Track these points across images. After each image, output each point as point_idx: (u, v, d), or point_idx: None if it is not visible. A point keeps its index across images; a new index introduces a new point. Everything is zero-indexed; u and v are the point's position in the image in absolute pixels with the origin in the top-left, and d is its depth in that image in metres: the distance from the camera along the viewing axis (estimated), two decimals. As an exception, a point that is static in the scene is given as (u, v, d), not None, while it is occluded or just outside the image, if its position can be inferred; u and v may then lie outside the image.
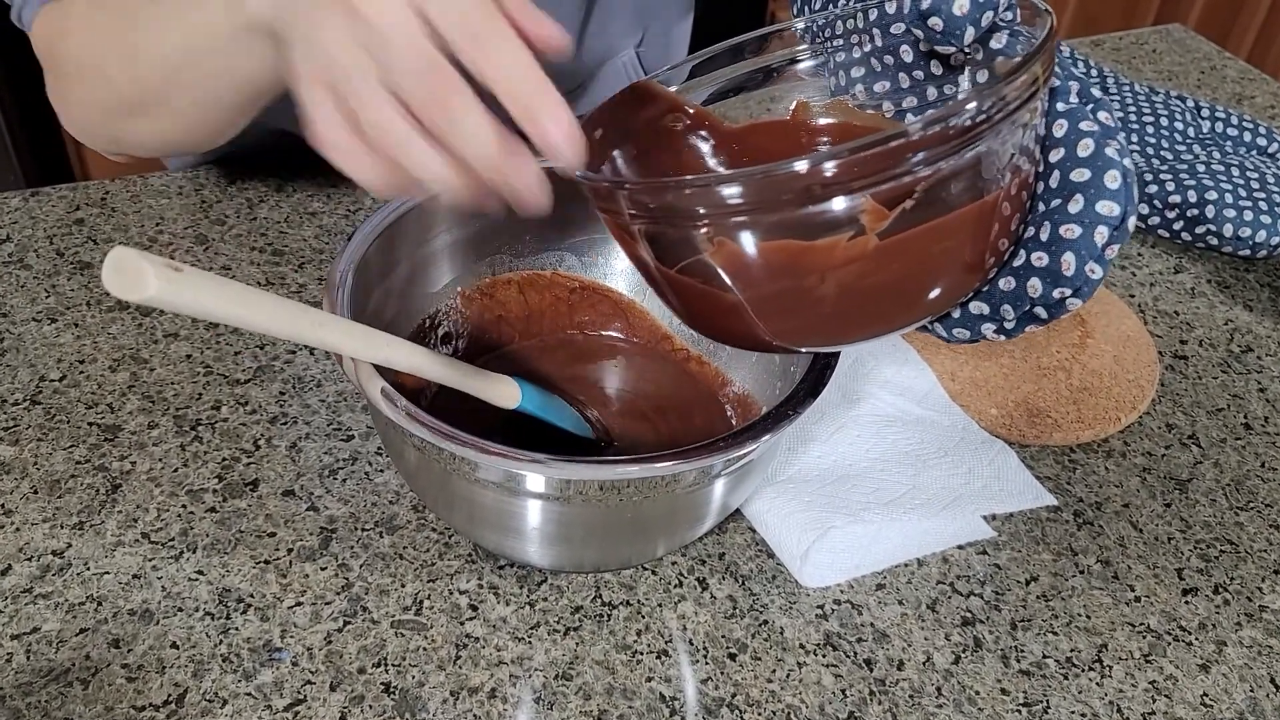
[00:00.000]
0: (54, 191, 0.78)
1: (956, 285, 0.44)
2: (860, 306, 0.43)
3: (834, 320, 0.44)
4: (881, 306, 0.43)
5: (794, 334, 0.45)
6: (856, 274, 0.41)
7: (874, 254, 0.40)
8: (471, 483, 0.47)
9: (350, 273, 0.51)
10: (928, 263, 0.42)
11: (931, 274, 0.42)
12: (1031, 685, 0.52)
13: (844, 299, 0.42)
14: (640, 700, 0.50)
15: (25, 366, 0.64)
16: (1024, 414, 0.65)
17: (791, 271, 0.41)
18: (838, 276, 0.41)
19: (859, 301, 0.42)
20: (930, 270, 0.42)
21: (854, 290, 0.42)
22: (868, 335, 0.45)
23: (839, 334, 0.45)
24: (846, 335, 0.45)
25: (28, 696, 0.48)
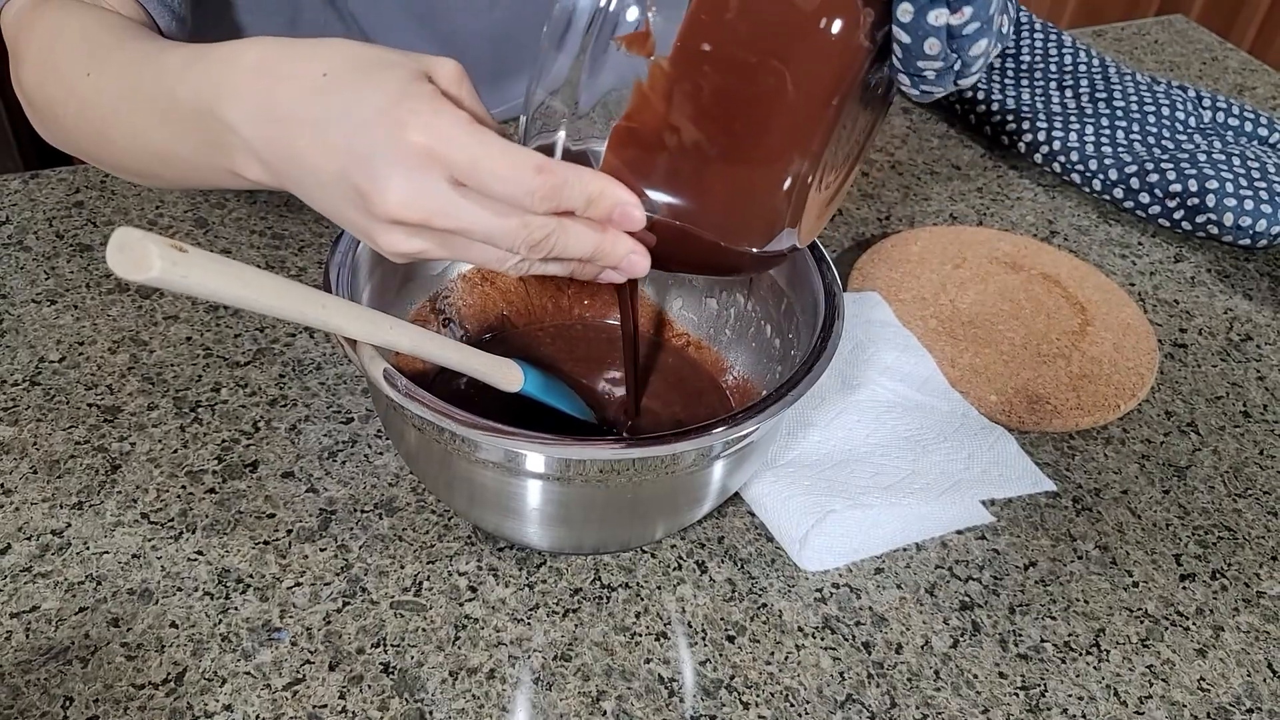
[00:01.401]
0: (53, 174, 0.78)
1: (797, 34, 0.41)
2: (739, 118, 0.41)
3: (740, 148, 0.42)
4: (755, 101, 0.41)
5: (737, 192, 0.44)
6: (689, 99, 0.40)
7: (677, 70, 0.40)
8: (472, 463, 0.47)
9: (351, 255, 0.51)
10: (735, 35, 0.40)
11: (753, 39, 0.40)
12: (1029, 669, 0.52)
13: (713, 124, 0.41)
14: (639, 681, 0.50)
15: (25, 347, 0.64)
16: (1023, 400, 0.65)
17: (648, 147, 0.41)
18: (679, 114, 0.40)
19: (732, 116, 0.41)
20: (747, 38, 0.40)
21: (711, 111, 0.41)
22: (791, 140, 0.42)
23: (763, 158, 0.43)
24: (772, 155, 0.43)
25: (27, 674, 0.48)
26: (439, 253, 0.43)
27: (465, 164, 0.40)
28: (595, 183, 0.43)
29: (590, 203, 0.43)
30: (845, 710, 0.49)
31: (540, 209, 0.41)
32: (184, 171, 0.51)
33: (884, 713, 0.50)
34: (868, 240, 0.79)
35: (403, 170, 0.40)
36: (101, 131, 0.53)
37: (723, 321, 0.62)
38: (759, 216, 0.45)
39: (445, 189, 0.40)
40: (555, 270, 0.46)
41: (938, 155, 0.90)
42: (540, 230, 0.42)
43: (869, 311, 0.70)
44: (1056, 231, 0.83)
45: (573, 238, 0.43)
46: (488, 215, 0.41)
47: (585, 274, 0.47)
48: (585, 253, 0.44)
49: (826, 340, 0.50)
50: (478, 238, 0.42)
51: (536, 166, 0.40)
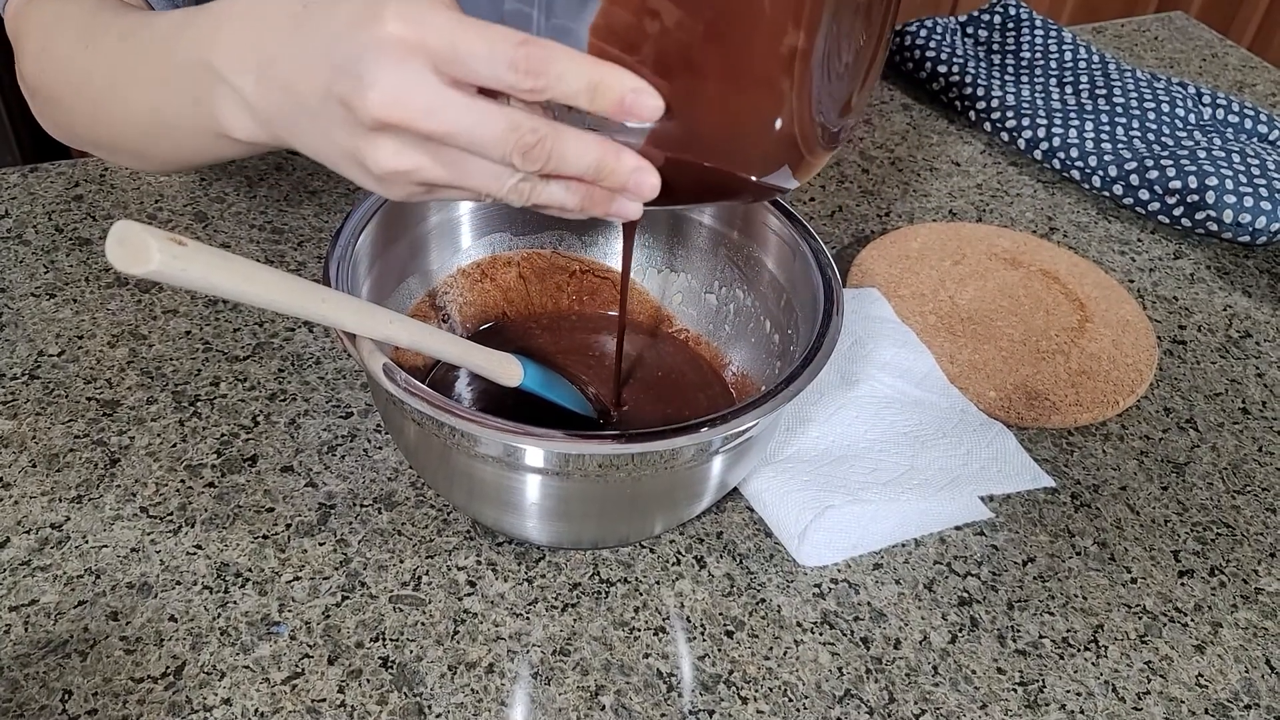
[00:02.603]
0: (53, 168, 0.78)
1: None
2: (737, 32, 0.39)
3: (723, 37, 0.40)
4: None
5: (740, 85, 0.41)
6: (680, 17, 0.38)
7: None
8: (471, 458, 0.47)
9: (351, 249, 0.51)
10: None
11: None
12: (1028, 665, 0.52)
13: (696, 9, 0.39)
14: (637, 676, 0.50)
15: (24, 341, 0.64)
16: (1022, 397, 0.65)
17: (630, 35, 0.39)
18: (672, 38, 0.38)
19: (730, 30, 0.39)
20: None
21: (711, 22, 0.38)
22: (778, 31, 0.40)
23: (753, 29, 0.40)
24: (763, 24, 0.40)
25: (25, 668, 0.48)
26: (433, 172, 0.40)
27: (444, 48, 0.37)
28: (596, 68, 0.39)
29: (594, 90, 0.39)
30: (843, 705, 0.50)
31: (525, 85, 0.38)
32: (176, 142, 0.50)
33: (882, 708, 0.50)
34: (867, 236, 0.79)
35: (383, 66, 0.38)
36: (98, 106, 0.52)
37: (722, 317, 0.62)
38: (762, 99, 0.42)
39: (430, 80, 0.38)
40: (558, 198, 0.42)
41: (937, 151, 0.90)
42: (531, 133, 0.39)
43: (868, 307, 0.70)
44: (1056, 228, 0.83)
45: (570, 145, 0.40)
46: (475, 115, 0.38)
47: (590, 206, 0.43)
48: (587, 164, 0.41)
49: (825, 336, 0.50)
50: (463, 143, 0.39)
51: (520, 39, 0.37)
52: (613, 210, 0.43)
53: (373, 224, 0.53)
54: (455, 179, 0.41)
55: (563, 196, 0.42)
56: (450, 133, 0.39)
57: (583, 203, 0.43)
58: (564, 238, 0.64)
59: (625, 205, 0.43)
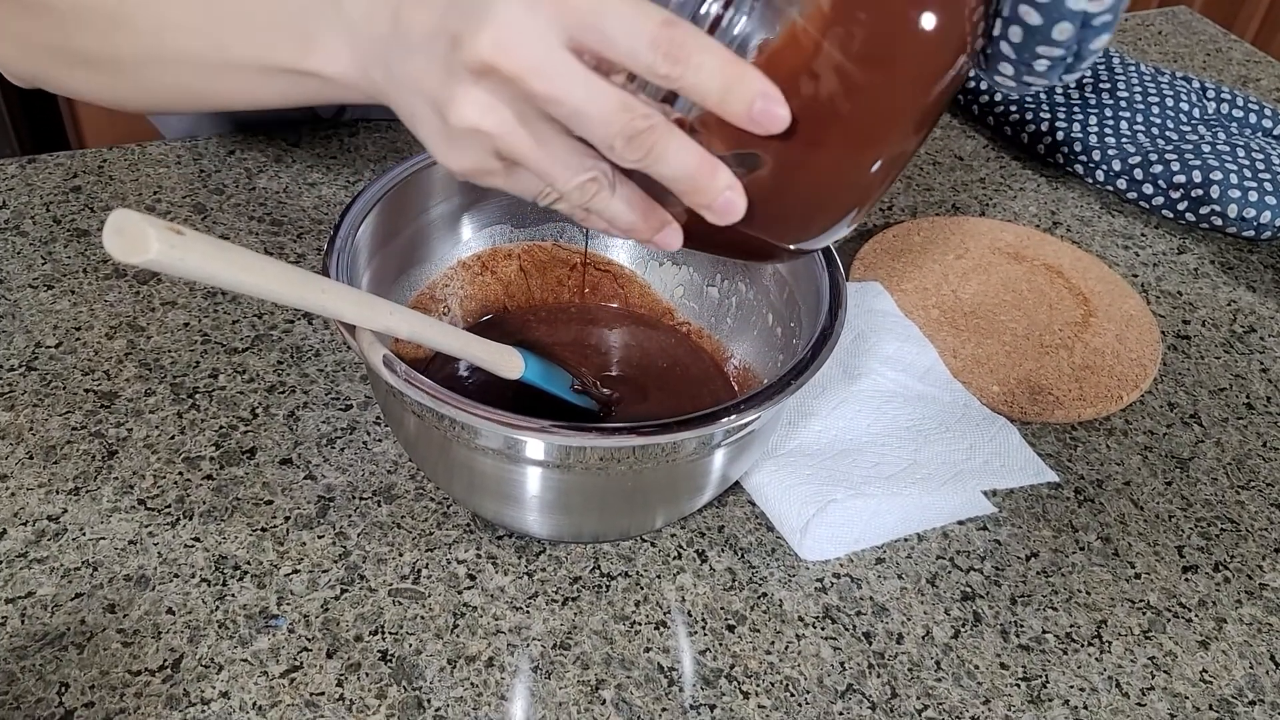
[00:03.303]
0: (51, 159, 0.77)
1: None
2: (869, 84, 0.38)
3: (867, 111, 0.39)
4: (897, 64, 0.38)
5: (862, 135, 0.40)
6: (839, 46, 0.37)
7: (834, 12, 0.36)
8: (471, 450, 0.47)
9: (351, 240, 0.51)
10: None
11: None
12: (1031, 660, 0.52)
13: (849, 84, 0.38)
14: (638, 670, 0.50)
15: (21, 333, 0.63)
16: (1026, 391, 0.65)
17: (783, 90, 0.37)
18: (823, 59, 0.37)
19: (864, 79, 0.38)
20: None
21: (849, 68, 0.37)
22: (913, 103, 0.40)
23: (887, 121, 0.40)
24: (897, 119, 0.40)
25: (22, 660, 0.47)
26: (514, 140, 0.38)
27: (587, 6, 0.35)
28: (734, 65, 0.36)
29: (727, 89, 0.36)
30: (846, 700, 0.49)
31: (661, 69, 0.35)
32: (226, 79, 0.46)
33: (884, 703, 0.49)
34: (870, 230, 0.79)
35: (510, 6, 0.35)
36: (122, 28, 0.48)
37: (724, 310, 0.62)
38: (847, 192, 0.42)
39: (553, 41, 0.35)
40: (614, 211, 0.40)
41: (940, 145, 0.90)
42: (644, 118, 0.36)
43: (871, 301, 0.70)
44: (1059, 222, 0.82)
45: (674, 145, 0.37)
46: (588, 86, 0.36)
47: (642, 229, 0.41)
48: (684, 168, 0.38)
49: (828, 329, 0.50)
50: (567, 111, 0.36)
51: (665, 18, 0.35)
52: (658, 239, 0.42)
53: (373, 215, 0.53)
54: (534, 155, 0.38)
55: (618, 211, 0.40)
56: (558, 97, 0.36)
57: (636, 223, 0.41)
58: (565, 230, 0.64)
59: (671, 236, 0.42)
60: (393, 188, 0.54)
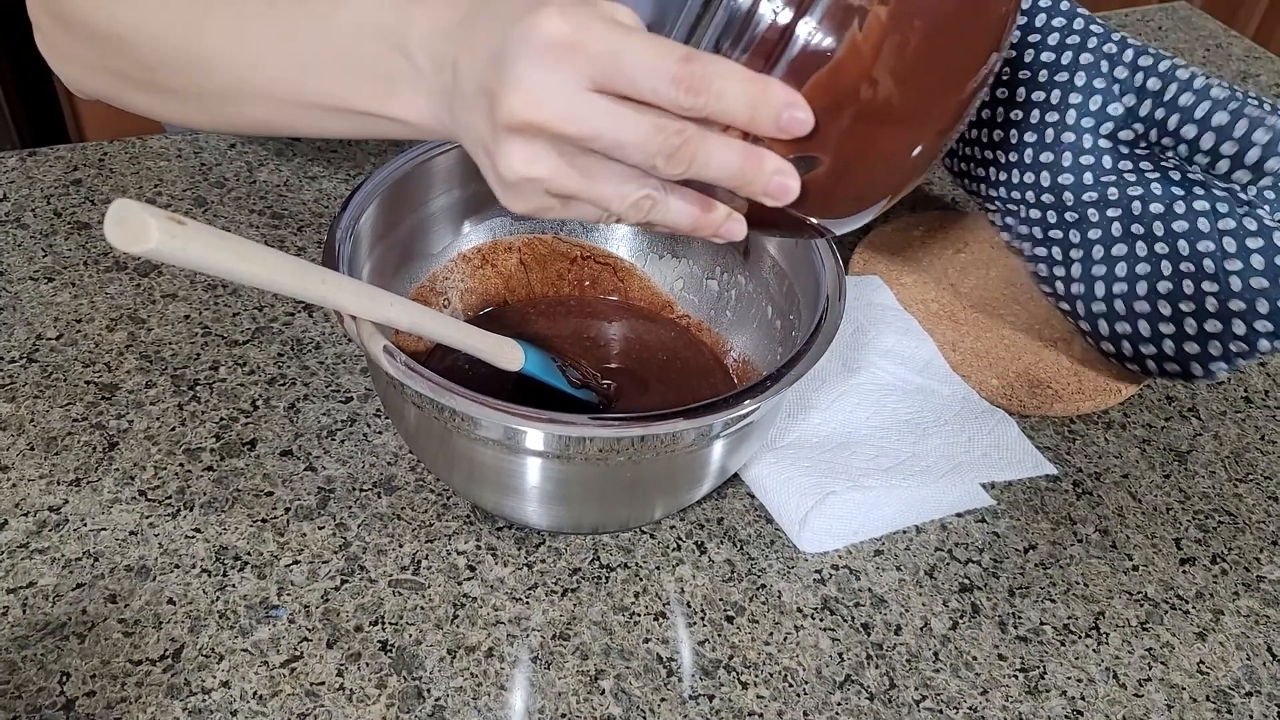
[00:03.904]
0: (51, 152, 0.77)
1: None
2: (923, 83, 0.40)
3: (917, 109, 0.41)
4: (943, 65, 0.40)
5: (898, 156, 0.42)
6: (896, 52, 0.38)
7: (892, 22, 0.38)
8: (472, 440, 0.47)
9: (351, 231, 0.51)
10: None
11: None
12: (1029, 651, 0.52)
13: (905, 86, 0.39)
14: (637, 661, 0.50)
15: (22, 324, 0.63)
16: (1025, 384, 0.65)
17: (841, 98, 0.39)
18: (882, 66, 0.39)
19: (919, 80, 0.40)
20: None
21: (906, 71, 0.39)
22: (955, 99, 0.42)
23: (932, 116, 0.42)
24: (940, 114, 0.42)
25: (23, 650, 0.48)
26: (564, 180, 0.39)
27: (604, 53, 0.36)
28: (754, 84, 0.38)
29: (753, 109, 0.38)
30: (844, 691, 0.49)
31: (685, 103, 0.37)
32: (296, 114, 0.47)
33: (883, 694, 0.49)
34: (870, 225, 0.79)
35: (534, 65, 0.37)
36: (194, 58, 0.48)
37: (724, 303, 0.62)
38: (885, 189, 0.44)
39: (576, 88, 0.37)
40: (678, 214, 0.41)
41: (940, 140, 0.90)
42: (677, 134, 0.37)
43: (870, 295, 0.70)
44: (1059, 217, 0.82)
45: (714, 148, 0.38)
46: (617, 117, 0.37)
47: (704, 226, 0.42)
48: (731, 167, 0.39)
49: (827, 321, 0.50)
50: (604, 145, 0.38)
51: (683, 55, 0.36)
52: (722, 231, 0.43)
53: (374, 206, 0.53)
54: (585, 189, 0.40)
55: (679, 215, 0.41)
56: (592, 135, 0.38)
57: (698, 224, 0.42)
58: (565, 223, 0.64)
59: (734, 227, 0.43)
60: (394, 179, 0.54)
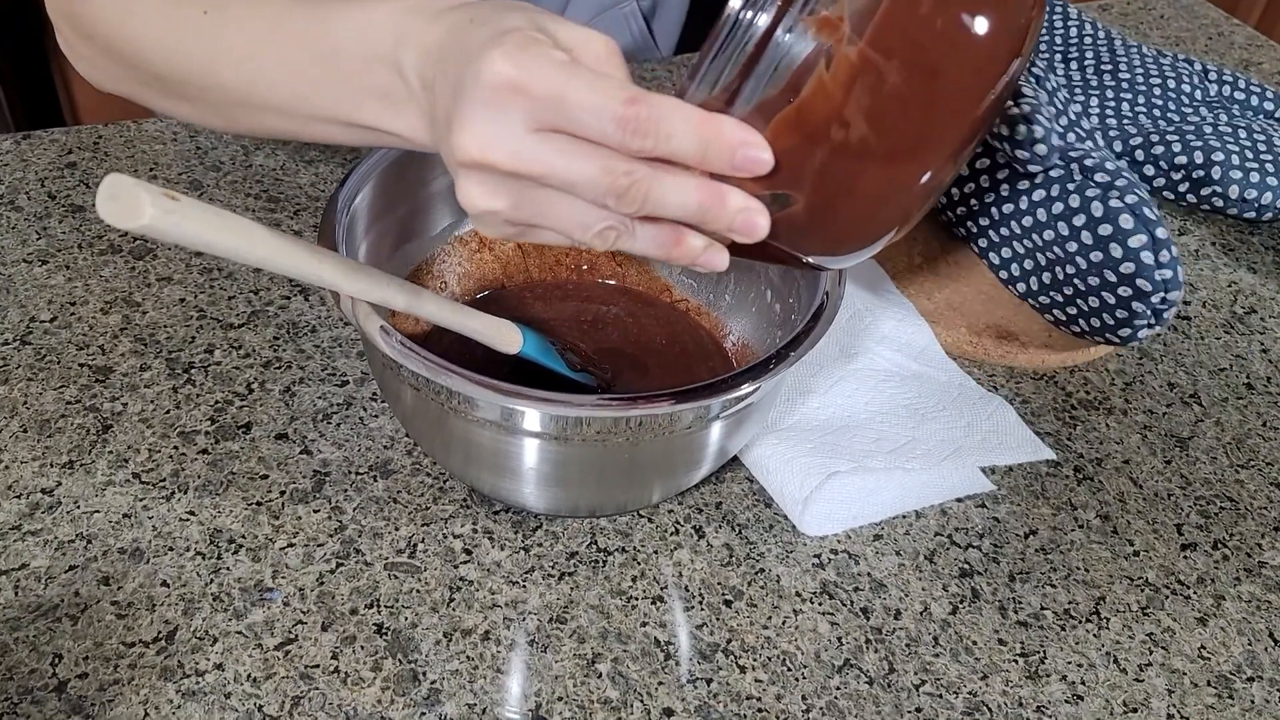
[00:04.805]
0: (46, 135, 0.77)
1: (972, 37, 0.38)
2: (903, 123, 0.38)
3: (897, 154, 0.39)
4: (933, 101, 0.38)
5: (884, 197, 0.40)
6: (869, 93, 0.37)
7: (863, 63, 0.36)
8: (469, 422, 0.47)
9: (348, 210, 0.51)
10: (927, 30, 0.37)
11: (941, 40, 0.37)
12: (1029, 636, 0.51)
13: (881, 126, 0.38)
14: (635, 644, 0.49)
15: (15, 307, 0.63)
16: (993, 335, 0.67)
17: (811, 137, 0.38)
18: (853, 106, 0.37)
19: (898, 120, 0.38)
20: (936, 37, 0.37)
21: (882, 111, 0.37)
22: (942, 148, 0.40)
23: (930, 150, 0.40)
24: (925, 159, 0.40)
25: (15, 631, 0.47)
26: (520, 213, 0.39)
27: (547, 93, 0.36)
28: (709, 124, 0.37)
29: (705, 150, 0.37)
30: (843, 675, 0.49)
31: (632, 145, 0.36)
32: (304, 124, 0.48)
33: (882, 678, 0.49)
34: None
35: (481, 107, 0.37)
36: (206, 74, 0.50)
37: (723, 287, 0.62)
38: (875, 228, 0.42)
39: (523, 130, 0.37)
40: (648, 244, 0.40)
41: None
42: (625, 175, 0.37)
43: (867, 279, 0.70)
44: (1059, 204, 0.82)
45: (670, 189, 0.38)
46: (566, 157, 0.37)
47: (679, 257, 0.41)
48: (687, 208, 0.38)
49: (828, 304, 0.50)
50: (555, 183, 0.38)
51: (629, 97, 0.36)
52: (700, 262, 0.42)
53: (371, 186, 0.53)
54: (544, 221, 0.40)
55: (650, 245, 0.41)
56: (541, 175, 0.38)
57: (670, 254, 0.41)
58: (563, 206, 0.63)
59: (714, 257, 0.42)
60: (392, 159, 0.54)
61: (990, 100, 0.39)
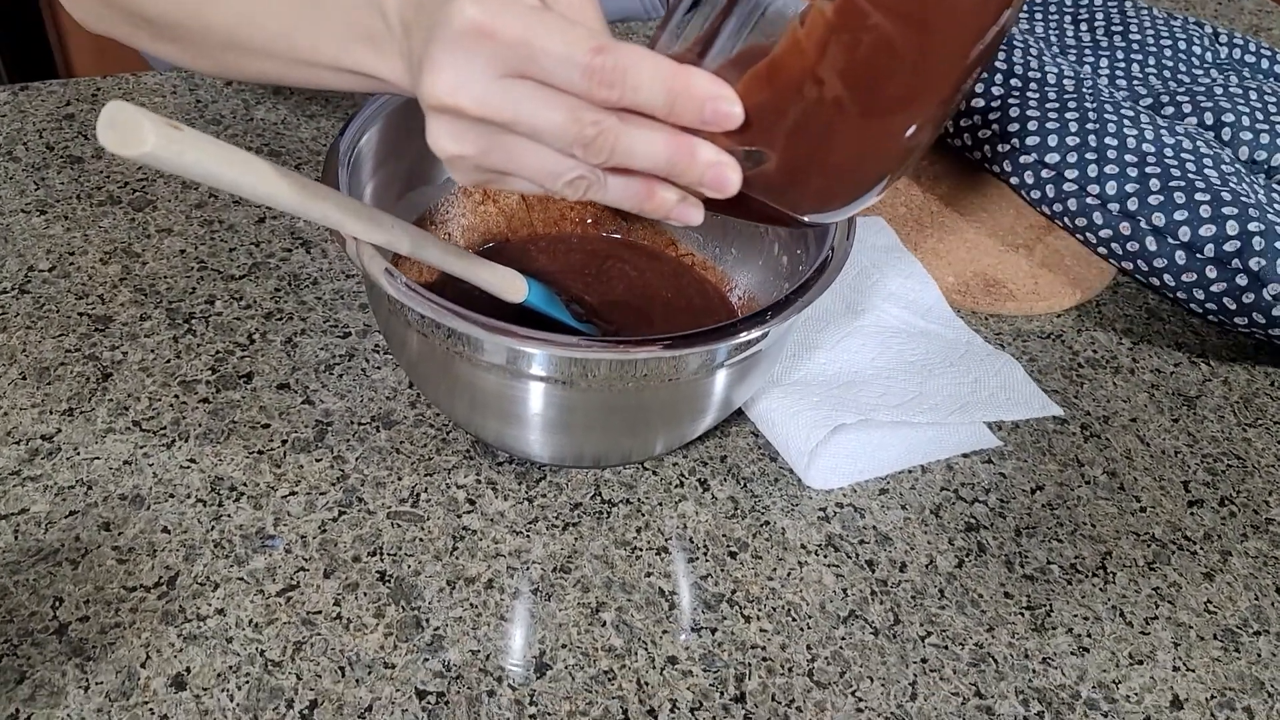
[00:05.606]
0: (44, 86, 0.76)
1: None
2: (880, 80, 0.37)
3: (876, 110, 0.38)
4: (914, 61, 0.37)
5: (863, 154, 0.40)
6: (844, 50, 0.36)
7: (839, 18, 0.35)
8: (474, 366, 0.46)
9: (353, 151, 0.50)
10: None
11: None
12: (1035, 589, 0.51)
13: (857, 82, 0.37)
14: (639, 594, 0.49)
15: (14, 256, 0.62)
16: (980, 283, 0.67)
17: (783, 94, 0.37)
18: (828, 63, 0.36)
19: (874, 76, 0.37)
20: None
21: (858, 70, 0.36)
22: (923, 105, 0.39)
23: (900, 117, 0.39)
24: (906, 115, 0.39)
25: (15, 575, 0.47)
26: (489, 159, 0.39)
27: (515, 39, 0.36)
28: (679, 76, 0.36)
29: (672, 101, 0.37)
30: (848, 625, 0.49)
31: (598, 95, 0.36)
32: (291, 67, 0.48)
33: (887, 629, 0.49)
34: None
35: (450, 51, 0.37)
36: (194, 16, 0.50)
37: (729, 240, 0.61)
38: (858, 184, 0.41)
39: (491, 75, 0.37)
40: (619, 195, 0.40)
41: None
42: (592, 125, 0.37)
43: (873, 237, 0.69)
44: (1067, 166, 0.81)
45: (638, 140, 0.38)
46: (534, 103, 0.37)
47: (652, 209, 0.41)
48: (656, 159, 0.38)
49: (836, 254, 0.49)
50: (522, 130, 0.37)
51: (595, 46, 0.35)
52: (674, 215, 0.41)
53: (378, 129, 0.52)
54: (513, 168, 0.39)
55: (621, 196, 0.40)
56: (508, 121, 0.37)
57: (642, 206, 0.41)
58: (568, 158, 0.62)
59: (687, 211, 0.41)
60: (400, 102, 0.53)
61: (978, 52, 0.38)
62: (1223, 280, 0.62)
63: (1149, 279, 0.66)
